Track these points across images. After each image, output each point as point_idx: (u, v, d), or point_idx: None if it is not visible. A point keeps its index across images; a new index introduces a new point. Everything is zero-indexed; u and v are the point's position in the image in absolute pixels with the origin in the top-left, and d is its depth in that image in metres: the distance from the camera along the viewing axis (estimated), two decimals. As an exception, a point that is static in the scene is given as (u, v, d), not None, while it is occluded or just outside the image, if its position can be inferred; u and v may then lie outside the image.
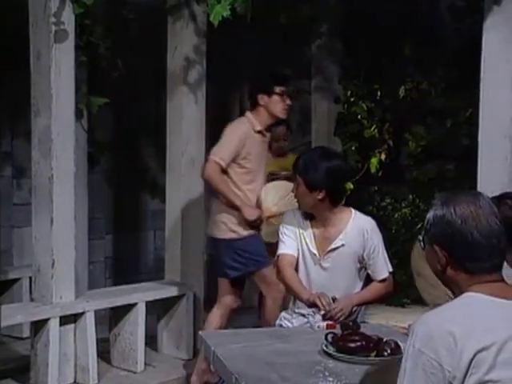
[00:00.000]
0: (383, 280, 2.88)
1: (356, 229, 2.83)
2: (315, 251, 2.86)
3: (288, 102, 3.81)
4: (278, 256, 2.93)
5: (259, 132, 3.82)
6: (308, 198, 2.83)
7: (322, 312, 2.74)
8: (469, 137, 4.55)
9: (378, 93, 5.44)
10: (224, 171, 3.76)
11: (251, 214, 3.76)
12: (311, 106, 5.63)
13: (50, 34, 3.62)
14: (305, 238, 2.87)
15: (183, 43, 4.37)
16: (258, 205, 3.83)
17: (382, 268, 2.87)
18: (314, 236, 2.87)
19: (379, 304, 4.71)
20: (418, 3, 5.14)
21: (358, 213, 2.93)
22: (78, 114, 3.98)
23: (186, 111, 4.40)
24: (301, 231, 2.89)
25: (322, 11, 5.30)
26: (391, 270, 2.90)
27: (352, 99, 5.41)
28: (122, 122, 5.41)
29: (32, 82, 3.73)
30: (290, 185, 3.82)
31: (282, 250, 2.90)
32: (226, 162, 3.73)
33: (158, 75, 4.62)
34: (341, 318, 2.72)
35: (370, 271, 2.90)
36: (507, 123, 3.35)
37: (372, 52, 5.35)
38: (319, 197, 2.79)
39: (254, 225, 3.79)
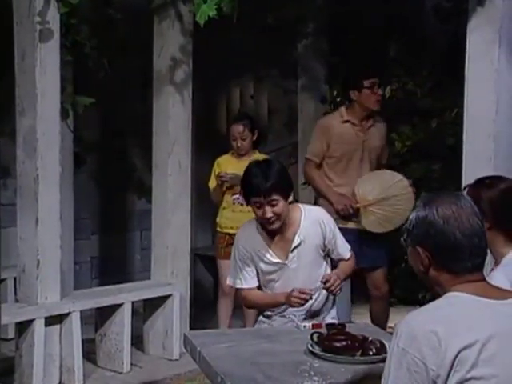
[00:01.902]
0: (349, 258, 2.96)
1: (310, 222, 2.85)
2: (277, 259, 2.85)
3: (379, 92, 4.00)
4: (237, 289, 2.95)
5: (346, 122, 4.02)
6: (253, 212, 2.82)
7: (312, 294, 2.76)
8: (454, 137, 4.58)
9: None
10: (320, 166, 4.04)
11: (338, 201, 3.95)
12: (297, 105, 5.64)
13: (34, 33, 3.61)
14: (263, 254, 2.85)
15: (169, 43, 4.36)
16: (353, 197, 3.97)
17: (344, 249, 2.94)
18: (271, 245, 2.85)
19: (365, 303, 4.74)
20: (404, 4, 5.17)
21: (306, 206, 2.99)
22: (64, 114, 3.96)
23: (172, 111, 4.40)
24: (256, 249, 2.85)
25: (309, 11, 5.32)
26: (349, 247, 2.98)
27: (338, 99, 5.42)
28: (108, 121, 5.39)
29: (17, 81, 3.72)
30: (385, 172, 4.04)
31: (241, 285, 2.88)
32: (318, 157, 4.04)
33: (145, 75, 4.61)
34: (335, 292, 2.78)
35: (333, 256, 2.94)
36: (491, 123, 3.37)
37: (358, 52, 5.36)
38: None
39: (345, 214, 3.92)
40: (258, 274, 2.90)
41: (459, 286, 1.58)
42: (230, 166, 4.37)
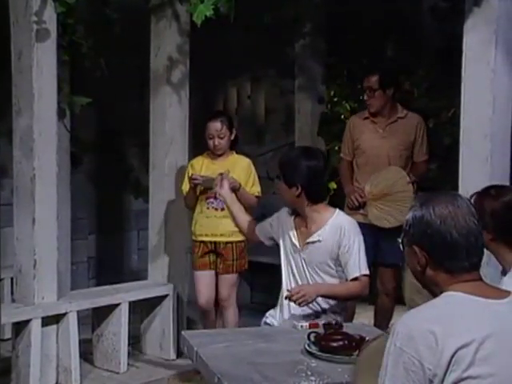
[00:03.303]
0: (354, 279, 2.89)
1: (334, 226, 2.91)
2: (296, 242, 2.98)
3: (369, 96, 4.17)
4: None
5: (367, 118, 4.23)
6: (287, 193, 2.97)
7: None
8: (451, 137, 4.58)
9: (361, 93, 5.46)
10: (352, 163, 4.28)
11: (347, 193, 4.19)
12: (295, 105, 5.64)
13: (31, 32, 3.60)
14: (288, 230, 3.02)
15: (166, 43, 4.36)
16: (363, 191, 4.13)
17: (354, 267, 2.88)
18: (297, 229, 3.01)
19: (362, 303, 4.74)
20: (401, 4, 5.17)
21: (341, 213, 3.03)
22: (61, 114, 3.96)
23: (169, 111, 4.39)
24: (285, 226, 3.04)
25: (306, 11, 5.32)
26: (365, 272, 2.90)
27: (335, 99, 5.43)
28: (105, 121, 5.39)
29: (13, 81, 3.71)
30: (392, 169, 4.14)
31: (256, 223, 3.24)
32: (346, 154, 4.29)
33: (142, 75, 4.60)
34: (302, 304, 2.80)
35: (344, 272, 2.92)
36: (488, 123, 3.37)
37: (355, 52, 5.37)
38: (296, 193, 2.92)
39: (352, 206, 4.11)
40: (272, 240, 3.12)
41: (456, 286, 1.58)
42: (203, 167, 4.07)
